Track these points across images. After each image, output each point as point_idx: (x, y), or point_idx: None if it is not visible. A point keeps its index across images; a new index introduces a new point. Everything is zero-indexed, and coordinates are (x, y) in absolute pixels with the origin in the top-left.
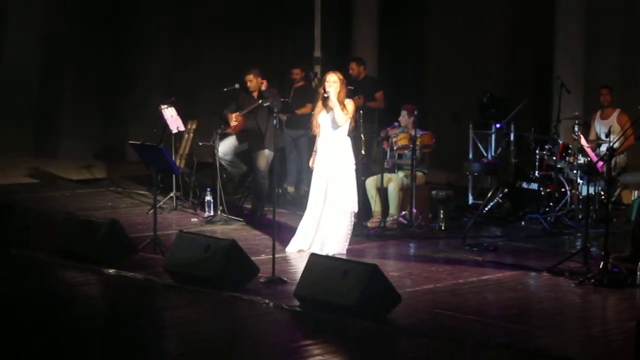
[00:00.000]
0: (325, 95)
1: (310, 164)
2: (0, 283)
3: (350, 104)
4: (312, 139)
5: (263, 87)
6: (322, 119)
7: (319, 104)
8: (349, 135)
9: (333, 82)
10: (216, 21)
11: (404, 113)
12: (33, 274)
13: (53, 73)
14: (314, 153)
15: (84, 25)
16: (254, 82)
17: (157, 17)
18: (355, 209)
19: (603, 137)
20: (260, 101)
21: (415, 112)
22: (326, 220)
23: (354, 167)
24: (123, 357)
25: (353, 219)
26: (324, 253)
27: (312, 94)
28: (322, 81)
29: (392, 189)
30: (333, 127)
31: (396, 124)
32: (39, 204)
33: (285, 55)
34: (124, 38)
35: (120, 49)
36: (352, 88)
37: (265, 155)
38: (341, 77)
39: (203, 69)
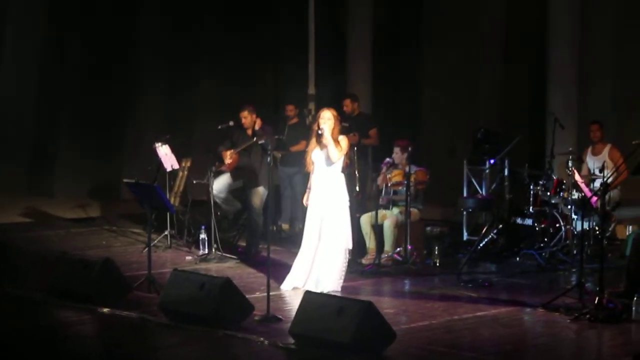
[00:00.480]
0: (320, 132)
1: (304, 201)
2: None
3: (344, 140)
4: (306, 176)
5: (257, 126)
6: (315, 156)
7: (313, 140)
8: (342, 172)
9: (327, 119)
10: (211, 56)
11: (396, 150)
12: (27, 313)
13: (47, 110)
14: (307, 190)
15: (80, 61)
16: (249, 118)
17: (152, 51)
18: (350, 246)
19: (596, 172)
20: (254, 139)
21: (409, 148)
22: (321, 257)
23: (348, 203)
24: None
25: (348, 255)
26: (319, 290)
27: (306, 131)
28: (316, 118)
29: (387, 225)
30: (327, 164)
31: (389, 160)
32: (34, 243)
33: (279, 89)
34: (119, 73)
35: (115, 84)
36: (347, 125)
37: (260, 193)
38: (335, 113)
39: (197, 105)
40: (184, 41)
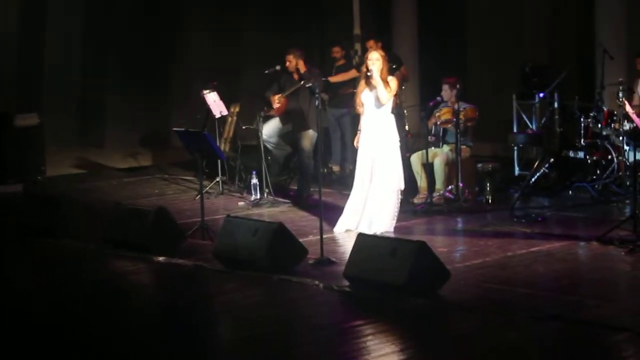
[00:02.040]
0: (369, 74)
1: (355, 143)
2: (53, 274)
3: (393, 81)
4: (355, 117)
5: (302, 69)
6: (365, 98)
7: (362, 82)
8: (392, 112)
9: (375, 60)
10: (255, 2)
11: (445, 87)
12: (84, 264)
13: (94, 61)
14: (358, 132)
15: (126, 12)
16: (293, 62)
17: (197, 2)
18: (402, 186)
19: None
20: (302, 82)
21: (457, 86)
22: (373, 199)
23: (398, 144)
24: (178, 343)
25: (400, 196)
26: (372, 232)
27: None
28: (363, 59)
29: (438, 163)
30: (376, 106)
31: (439, 98)
32: (87, 194)
33: (324, 32)
34: (165, 21)
35: (160, 32)
36: (395, 66)
37: (309, 136)
38: (383, 54)
39: (243, 51)
40: None
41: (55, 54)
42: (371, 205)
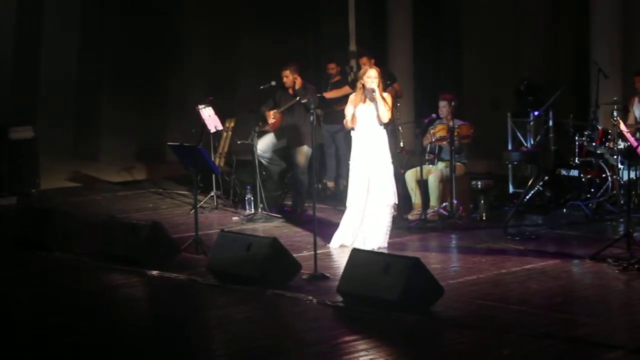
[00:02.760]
0: (374, 93)
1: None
2: (44, 286)
3: (389, 97)
4: (349, 133)
5: (297, 85)
6: (360, 112)
7: (355, 97)
8: (385, 127)
9: (374, 78)
10: (252, 16)
11: (443, 103)
12: (77, 277)
13: (90, 75)
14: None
15: (122, 24)
16: (290, 77)
17: (193, 13)
18: (395, 201)
19: None
20: (297, 98)
21: (453, 103)
22: (369, 214)
23: (391, 159)
24: (168, 358)
25: (393, 211)
26: (367, 247)
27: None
28: (359, 75)
29: (432, 180)
30: (375, 122)
31: (434, 115)
32: (81, 207)
33: (320, 47)
34: (161, 35)
35: (157, 47)
36: (389, 82)
37: (304, 152)
38: (379, 70)
39: (239, 65)
40: (224, 3)
41: (50, 67)
42: (367, 221)
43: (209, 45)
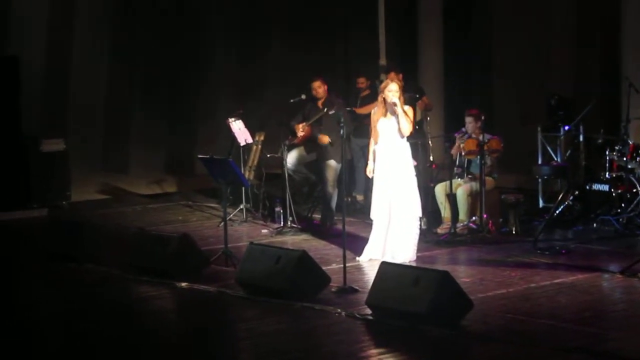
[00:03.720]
0: (395, 106)
1: (367, 172)
2: (75, 299)
3: (410, 111)
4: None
5: (324, 97)
6: (381, 126)
7: (377, 111)
8: (409, 140)
9: (395, 92)
10: (281, 27)
11: (469, 119)
12: (107, 289)
13: (119, 88)
14: (370, 162)
15: (151, 35)
16: (322, 88)
17: (223, 24)
18: (420, 213)
19: None
20: (325, 110)
21: (482, 117)
22: (395, 228)
23: (414, 171)
24: None
25: (420, 224)
26: (396, 261)
27: None
28: (380, 89)
29: (461, 194)
30: (396, 135)
31: (463, 129)
32: (111, 219)
33: (349, 60)
34: (190, 46)
35: (186, 58)
36: (412, 94)
37: (333, 166)
38: (400, 85)
39: (267, 77)
40: (254, 12)
41: (80, 80)
42: (394, 235)
43: (239, 56)
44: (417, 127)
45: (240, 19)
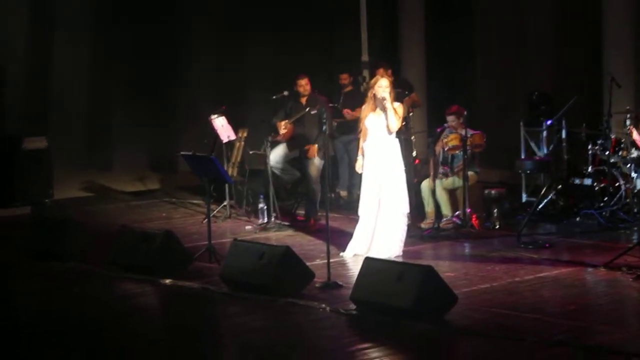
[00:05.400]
0: (384, 102)
1: (357, 168)
2: (58, 297)
3: (400, 108)
4: None
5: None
6: (370, 122)
7: (366, 107)
8: (397, 136)
9: (385, 87)
10: (262, 24)
11: (450, 117)
12: (90, 287)
13: (101, 85)
14: (360, 157)
15: (132, 34)
16: (308, 86)
17: (204, 21)
18: (408, 210)
19: None
20: (307, 109)
21: (465, 113)
22: (382, 224)
23: (403, 168)
24: None
25: (407, 220)
26: (382, 256)
27: (361, 99)
28: (370, 85)
29: (440, 189)
30: (384, 132)
31: (446, 125)
32: (94, 217)
33: (332, 57)
34: (171, 44)
35: (167, 55)
36: (400, 90)
37: (315, 163)
38: (391, 80)
39: (250, 73)
40: (236, 10)
41: (63, 77)
42: (381, 231)
43: (220, 54)
44: (405, 123)
45: (222, 17)
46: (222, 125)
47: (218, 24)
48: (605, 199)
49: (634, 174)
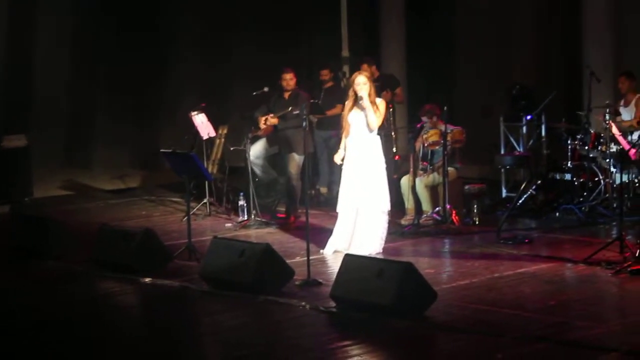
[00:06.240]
0: (360, 100)
1: (336, 159)
2: (37, 295)
3: (382, 104)
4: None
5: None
6: (352, 118)
7: (348, 104)
8: (378, 133)
9: (363, 84)
10: (244, 22)
11: (424, 119)
12: (70, 285)
13: (82, 83)
14: (340, 149)
15: (114, 31)
16: (293, 81)
17: (186, 17)
18: (389, 207)
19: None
20: (290, 109)
21: (439, 112)
22: (363, 221)
23: (384, 165)
24: None
25: (388, 217)
26: (362, 253)
27: (342, 95)
28: (350, 82)
29: (420, 185)
30: (365, 129)
31: (424, 119)
32: (74, 215)
33: (312, 53)
34: (153, 41)
35: (149, 53)
36: (378, 83)
37: (295, 160)
38: (369, 76)
39: (231, 71)
40: (218, 8)
41: (43, 75)
42: (361, 227)
43: (202, 53)
44: (389, 119)
45: (204, 16)
46: (202, 122)
47: (201, 23)
48: (585, 193)
49: (613, 169)
